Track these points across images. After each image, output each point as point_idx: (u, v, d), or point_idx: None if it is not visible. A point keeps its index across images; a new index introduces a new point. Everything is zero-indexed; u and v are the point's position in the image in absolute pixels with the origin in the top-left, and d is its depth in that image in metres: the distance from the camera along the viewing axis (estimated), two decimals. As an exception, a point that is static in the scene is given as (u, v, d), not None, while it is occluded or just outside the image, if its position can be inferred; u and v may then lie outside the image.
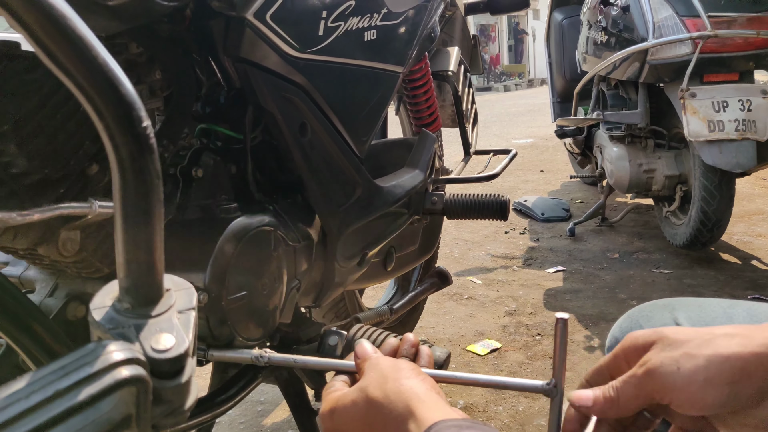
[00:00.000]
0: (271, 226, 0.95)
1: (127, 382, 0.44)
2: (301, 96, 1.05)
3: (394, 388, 0.53)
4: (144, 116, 0.45)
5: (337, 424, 0.57)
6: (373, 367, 0.58)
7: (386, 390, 0.54)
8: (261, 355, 0.76)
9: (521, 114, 10.13)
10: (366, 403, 0.54)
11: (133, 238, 0.49)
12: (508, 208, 1.47)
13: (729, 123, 2.31)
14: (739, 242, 3.07)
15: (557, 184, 4.73)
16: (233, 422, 1.74)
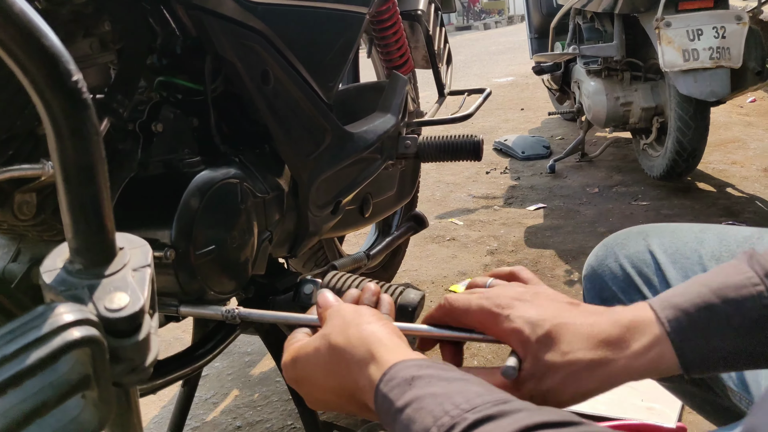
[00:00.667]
0: (236, 178, 0.93)
1: (78, 343, 0.43)
2: (261, 43, 1.02)
3: (356, 333, 0.53)
4: (73, 69, 0.43)
5: (300, 373, 0.57)
6: (335, 315, 0.58)
7: (348, 335, 0.54)
8: (230, 310, 0.75)
9: (502, 52, 9.99)
10: (328, 349, 0.54)
11: (78, 197, 0.47)
12: (482, 148, 1.46)
13: (703, 51, 2.29)
14: (714, 171, 3.09)
15: (538, 122, 4.71)
16: (221, 374, 1.77)
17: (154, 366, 0.99)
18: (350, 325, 0.55)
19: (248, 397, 1.65)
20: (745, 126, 3.82)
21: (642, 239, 0.74)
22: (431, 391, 0.45)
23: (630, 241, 0.75)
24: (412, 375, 0.47)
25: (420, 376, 0.47)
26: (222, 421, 1.56)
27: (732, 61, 2.31)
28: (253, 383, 1.71)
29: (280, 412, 1.57)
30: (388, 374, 0.48)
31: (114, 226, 0.51)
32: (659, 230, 0.74)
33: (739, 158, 3.24)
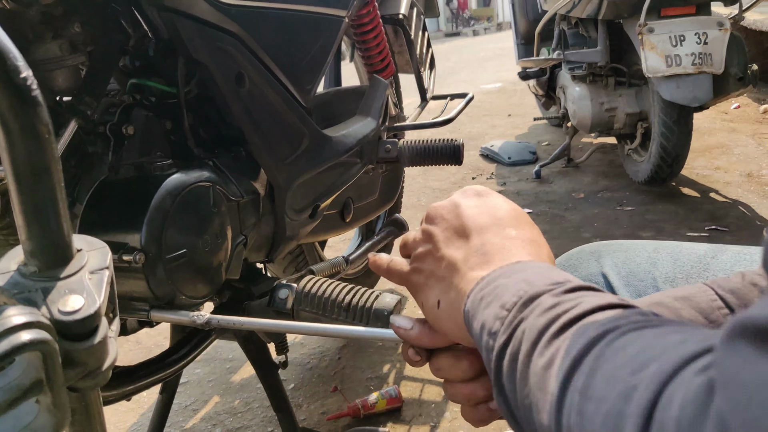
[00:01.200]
0: (209, 181, 0.92)
1: (27, 346, 0.42)
2: (236, 45, 1.01)
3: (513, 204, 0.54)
4: (22, 65, 0.42)
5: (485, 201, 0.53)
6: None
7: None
8: (200, 315, 0.74)
9: (490, 59, 10.02)
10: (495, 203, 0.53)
11: (30, 198, 0.47)
12: (462, 152, 1.46)
13: (686, 57, 2.30)
14: (699, 176, 3.11)
15: (525, 128, 4.73)
16: (202, 381, 1.75)
17: (126, 371, 0.97)
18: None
19: (229, 403, 1.63)
20: (729, 132, 3.85)
21: (594, 260, 0.73)
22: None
23: (582, 262, 0.74)
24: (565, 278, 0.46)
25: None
26: (202, 428, 1.55)
27: (714, 67, 2.33)
28: (233, 390, 1.69)
29: (260, 418, 1.55)
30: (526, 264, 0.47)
31: (71, 227, 0.50)
32: (612, 249, 0.73)
33: (723, 164, 3.26)
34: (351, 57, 1.86)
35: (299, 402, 1.61)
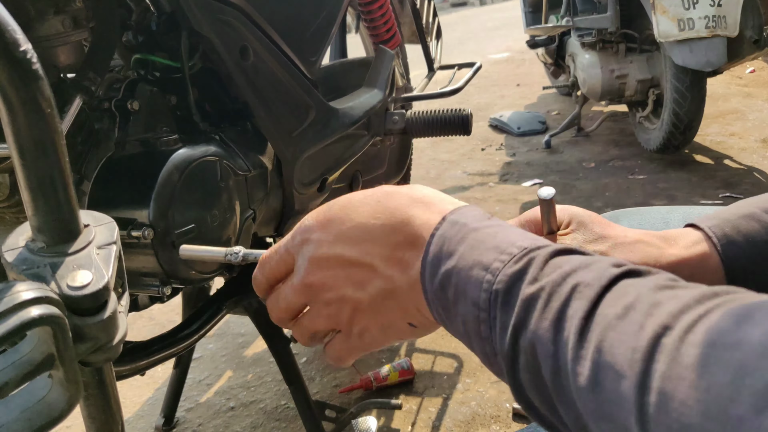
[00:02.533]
0: (216, 155, 0.92)
1: (37, 321, 0.42)
2: (239, 17, 1.00)
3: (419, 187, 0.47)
4: (21, 38, 0.42)
5: (336, 214, 0.45)
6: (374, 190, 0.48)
7: (411, 186, 0.47)
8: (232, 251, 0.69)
9: (498, 28, 9.88)
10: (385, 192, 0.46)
11: (35, 173, 0.46)
12: (471, 122, 1.44)
13: (699, 20, 2.25)
14: (712, 143, 3.07)
15: (533, 97, 4.68)
16: (215, 356, 1.77)
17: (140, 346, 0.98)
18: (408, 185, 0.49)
19: (242, 378, 1.65)
20: (744, 97, 3.79)
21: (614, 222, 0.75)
22: (515, 228, 0.41)
23: None
24: (490, 215, 0.43)
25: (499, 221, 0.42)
26: (216, 402, 1.57)
27: (728, 30, 2.28)
28: (246, 364, 1.71)
29: (273, 392, 1.57)
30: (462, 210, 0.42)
31: (77, 202, 0.50)
32: (629, 214, 0.76)
33: (738, 130, 3.21)
34: (356, 28, 1.83)
35: (312, 375, 1.62)
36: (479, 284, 0.37)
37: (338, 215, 0.45)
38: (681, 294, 0.30)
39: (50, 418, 0.47)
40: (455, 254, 0.39)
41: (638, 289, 0.31)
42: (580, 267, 0.34)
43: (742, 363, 0.24)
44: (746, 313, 0.26)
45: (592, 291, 0.32)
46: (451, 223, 0.41)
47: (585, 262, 0.35)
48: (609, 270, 0.33)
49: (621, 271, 0.33)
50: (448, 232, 0.41)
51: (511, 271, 0.36)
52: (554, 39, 3.54)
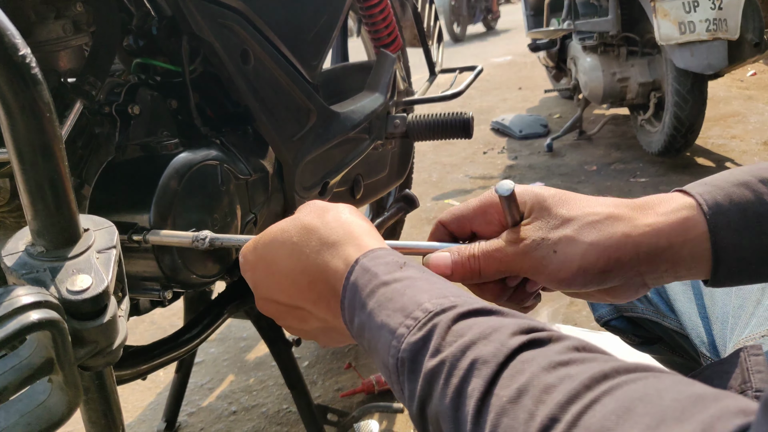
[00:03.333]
0: (217, 159, 0.92)
1: (36, 326, 0.42)
2: (240, 21, 1.00)
3: (333, 216, 0.48)
4: (20, 43, 0.42)
5: (259, 255, 0.50)
6: (309, 204, 0.52)
7: (325, 218, 0.48)
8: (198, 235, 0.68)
9: (499, 31, 9.89)
10: (299, 229, 0.48)
11: (34, 178, 0.46)
12: (472, 125, 1.44)
13: (700, 23, 2.25)
14: (714, 145, 3.06)
15: (535, 100, 4.67)
16: (217, 360, 1.76)
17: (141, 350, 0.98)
18: (328, 210, 0.49)
19: (244, 382, 1.65)
20: (746, 100, 3.78)
21: None
22: (426, 276, 0.41)
23: None
24: (404, 261, 0.43)
25: (412, 265, 0.43)
26: (218, 406, 1.56)
27: (729, 33, 2.28)
28: (248, 368, 1.71)
29: (275, 396, 1.57)
30: (375, 253, 0.43)
31: (76, 206, 0.50)
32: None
33: (739, 132, 3.21)
34: (358, 32, 1.83)
35: (314, 379, 1.62)
36: (387, 348, 0.38)
37: (265, 258, 0.50)
38: (574, 374, 0.30)
39: (50, 422, 0.47)
40: (366, 308, 0.41)
41: (533, 367, 0.32)
42: (481, 338, 0.34)
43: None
44: (628, 407, 0.27)
45: (489, 369, 0.33)
46: (363, 270, 0.43)
47: (486, 330, 0.35)
48: (508, 343, 0.33)
49: (520, 343, 0.33)
50: (360, 279, 0.42)
51: (414, 339, 0.37)
52: (556, 42, 3.54)
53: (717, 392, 0.27)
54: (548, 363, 0.31)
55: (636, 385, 0.28)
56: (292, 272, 0.48)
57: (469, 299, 0.38)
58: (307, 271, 0.47)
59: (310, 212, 0.50)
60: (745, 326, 0.57)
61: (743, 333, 0.57)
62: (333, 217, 0.48)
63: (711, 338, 0.62)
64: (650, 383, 0.28)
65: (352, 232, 0.46)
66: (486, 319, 0.36)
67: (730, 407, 0.25)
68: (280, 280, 0.49)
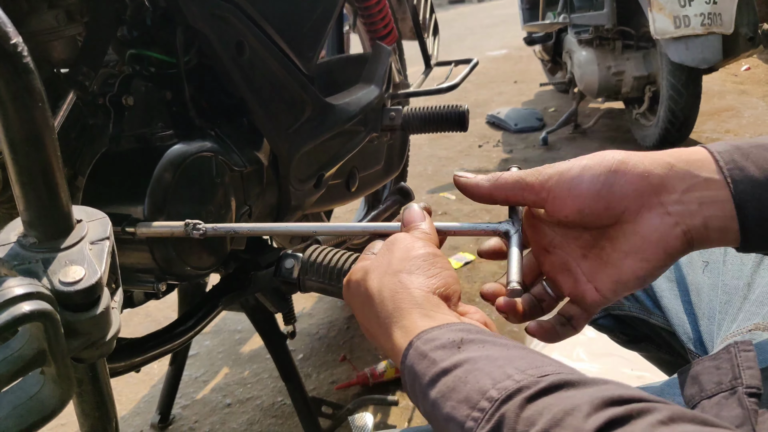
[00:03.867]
0: (211, 151, 0.91)
1: (28, 317, 0.42)
2: (235, 12, 0.99)
3: (390, 284, 0.47)
4: (11, 31, 0.41)
5: (349, 300, 0.54)
6: (388, 246, 0.51)
7: (382, 284, 0.48)
8: (190, 223, 0.68)
9: (495, 25, 9.87)
10: (365, 291, 0.50)
11: (26, 168, 0.46)
12: (467, 118, 1.44)
13: (695, 17, 2.25)
14: (708, 140, 3.07)
15: (531, 94, 4.67)
16: (211, 352, 1.76)
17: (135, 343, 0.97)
18: (390, 269, 0.49)
19: (238, 374, 1.64)
20: (740, 94, 3.79)
21: None
22: (487, 353, 0.39)
23: None
24: (461, 337, 0.41)
25: (471, 339, 0.41)
26: (212, 398, 1.56)
27: (723, 27, 2.28)
28: (243, 361, 1.71)
29: (270, 389, 1.57)
30: (429, 334, 0.42)
31: (69, 197, 0.50)
32: None
33: (733, 127, 3.21)
34: (353, 24, 1.83)
35: (308, 372, 1.62)
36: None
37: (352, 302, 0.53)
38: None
39: (42, 414, 0.47)
40: (428, 398, 0.39)
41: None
42: (553, 426, 0.32)
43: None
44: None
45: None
46: (419, 355, 0.41)
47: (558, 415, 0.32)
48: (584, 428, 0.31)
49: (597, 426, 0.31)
50: (417, 365, 0.41)
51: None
52: (551, 36, 3.54)
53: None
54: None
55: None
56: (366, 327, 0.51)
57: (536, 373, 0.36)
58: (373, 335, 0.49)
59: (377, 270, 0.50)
60: (732, 322, 0.57)
61: (730, 328, 0.57)
62: (389, 285, 0.47)
63: (698, 334, 0.62)
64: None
65: (401, 309, 0.45)
66: (556, 398, 0.33)
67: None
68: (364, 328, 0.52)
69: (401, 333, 0.44)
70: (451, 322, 0.43)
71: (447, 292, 0.47)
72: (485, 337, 0.41)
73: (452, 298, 0.48)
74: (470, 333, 0.41)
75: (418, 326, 0.44)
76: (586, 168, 0.47)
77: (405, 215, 0.56)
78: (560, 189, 0.48)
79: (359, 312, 0.51)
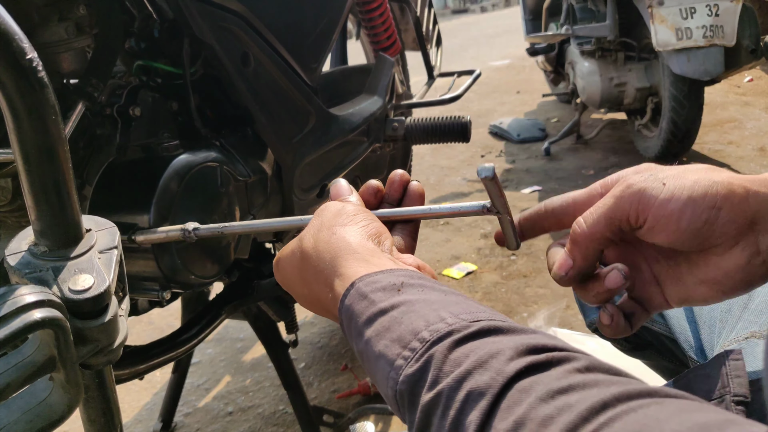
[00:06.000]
0: (216, 161, 0.92)
1: (39, 324, 0.43)
2: (240, 24, 1.01)
3: (325, 237, 0.48)
4: (27, 47, 0.43)
5: (281, 275, 0.54)
6: (318, 213, 0.52)
7: (318, 239, 0.49)
8: (186, 228, 0.69)
9: (498, 35, 9.92)
10: (300, 254, 0.50)
11: (39, 179, 0.47)
12: (470, 129, 1.45)
13: (697, 30, 2.27)
14: (710, 151, 3.08)
15: (533, 104, 4.69)
16: (213, 360, 1.77)
17: (138, 350, 0.98)
18: (323, 227, 0.49)
19: (240, 382, 1.65)
20: (742, 105, 3.80)
21: None
22: (424, 297, 0.40)
23: None
24: (401, 281, 0.42)
25: (411, 284, 0.42)
26: (214, 406, 1.57)
27: (725, 40, 2.30)
28: (245, 369, 1.71)
29: (271, 397, 1.57)
30: (371, 277, 0.42)
31: (79, 207, 0.51)
32: None
33: (736, 138, 3.22)
34: (357, 35, 1.85)
35: (310, 380, 1.62)
36: (386, 380, 0.38)
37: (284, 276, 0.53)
38: (573, 403, 0.29)
39: (51, 420, 0.48)
40: (363, 336, 0.41)
41: (531, 397, 0.31)
42: (477, 366, 0.33)
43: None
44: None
45: (486, 401, 0.32)
46: (359, 295, 0.42)
47: (483, 357, 0.34)
48: (505, 370, 0.32)
49: (517, 370, 0.32)
50: (356, 305, 0.42)
51: (411, 372, 0.36)
52: (554, 47, 3.56)
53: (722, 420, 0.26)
54: (546, 392, 0.30)
55: (636, 415, 0.27)
56: (306, 296, 0.51)
57: (469, 318, 0.37)
58: (314, 297, 0.49)
59: (311, 228, 0.51)
60: (731, 330, 0.58)
61: (729, 336, 0.58)
62: (324, 238, 0.48)
63: (699, 342, 0.63)
64: (651, 412, 0.27)
65: (339, 257, 0.46)
66: (483, 343, 0.35)
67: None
68: (304, 300, 0.52)
69: (340, 281, 0.45)
70: (393, 268, 0.44)
71: (380, 237, 0.49)
72: (425, 282, 0.42)
73: (386, 243, 0.49)
74: (412, 278, 0.42)
75: (358, 272, 0.44)
76: (689, 203, 0.44)
77: (332, 190, 0.56)
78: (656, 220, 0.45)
79: (296, 279, 0.51)
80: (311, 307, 0.52)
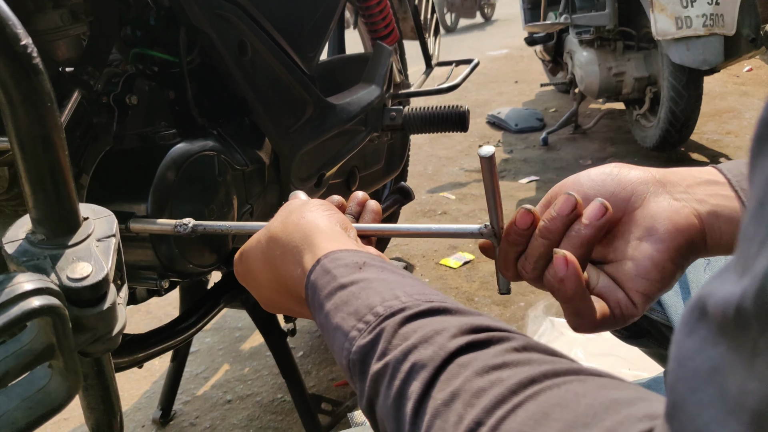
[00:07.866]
0: (213, 150, 0.92)
1: (37, 312, 0.43)
2: (237, 13, 1.00)
3: (294, 220, 0.50)
4: (21, 33, 0.42)
5: (244, 267, 0.54)
6: (284, 206, 0.54)
7: (287, 223, 0.50)
8: (180, 222, 0.68)
9: (496, 25, 9.88)
10: (267, 239, 0.51)
11: (35, 167, 0.47)
12: (468, 119, 1.45)
13: (696, 18, 2.26)
14: (709, 141, 3.08)
15: (531, 94, 4.68)
16: (212, 349, 1.77)
17: (137, 339, 0.98)
18: (292, 213, 0.51)
19: (239, 371, 1.66)
20: (741, 95, 3.80)
21: None
22: (383, 276, 0.42)
23: None
24: (363, 260, 0.44)
25: (372, 264, 0.44)
26: (213, 395, 1.57)
27: (725, 29, 2.29)
28: (243, 358, 1.72)
29: (270, 385, 1.58)
30: (336, 254, 0.45)
31: (76, 195, 0.51)
32: None
33: (734, 128, 3.22)
34: (355, 24, 1.84)
35: (308, 369, 1.63)
36: (341, 350, 0.40)
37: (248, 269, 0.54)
38: (505, 378, 0.31)
39: (50, 407, 0.48)
40: (323, 309, 0.43)
41: (468, 371, 0.33)
42: (422, 341, 0.36)
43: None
44: (546, 412, 0.28)
45: (427, 372, 0.34)
46: (323, 271, 0.44)
47: (428, 333, 0.36)
48: (447, 346, 0.35)
49: (458, 347, 0.34)
50: (320, 280, 0.44)
51: (363, 343, 0.38)
52: (552, 36, 3.54)
53: (634, 397, 0.27)
54: (482, 367, 0.33)
55: (558, 390, 0.29)
56: (269, 282, 0.51)
57: (422, 299, 0.39)
58: (279, 280, 0.50)
59: (277, 218, 0.52)
60: None
61: None
62: (294, 221, 0.50)
63: None
64: (572, 388, 0.29)
65: (309, 236, 0.48)
66: (431, 321, 0.37)
67: (637, 412, 0.26)
68: (265, 288, 0.53)
69: (311, 256, 0.46)
70: (357, 248, 0.46)
71: (347, 226, 0.51)
72: (386, 265, 0.44)
73: (351, 232, 0.50)
74: (373, 260, 0.44)
75: (326, 248, 0.46)
76: (591, 169, 0.50)
77: (290, 197, 0.59)
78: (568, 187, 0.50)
79: (258, 265, 0.52)
80: (271, 296, 0.52)
